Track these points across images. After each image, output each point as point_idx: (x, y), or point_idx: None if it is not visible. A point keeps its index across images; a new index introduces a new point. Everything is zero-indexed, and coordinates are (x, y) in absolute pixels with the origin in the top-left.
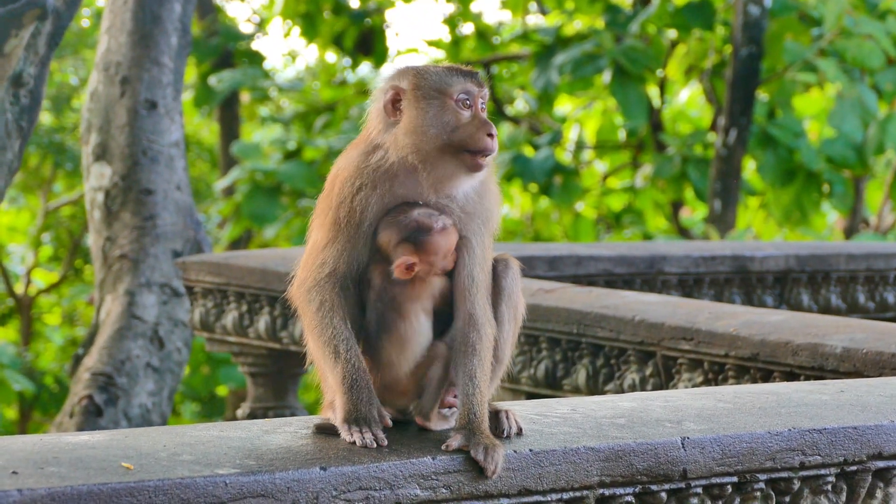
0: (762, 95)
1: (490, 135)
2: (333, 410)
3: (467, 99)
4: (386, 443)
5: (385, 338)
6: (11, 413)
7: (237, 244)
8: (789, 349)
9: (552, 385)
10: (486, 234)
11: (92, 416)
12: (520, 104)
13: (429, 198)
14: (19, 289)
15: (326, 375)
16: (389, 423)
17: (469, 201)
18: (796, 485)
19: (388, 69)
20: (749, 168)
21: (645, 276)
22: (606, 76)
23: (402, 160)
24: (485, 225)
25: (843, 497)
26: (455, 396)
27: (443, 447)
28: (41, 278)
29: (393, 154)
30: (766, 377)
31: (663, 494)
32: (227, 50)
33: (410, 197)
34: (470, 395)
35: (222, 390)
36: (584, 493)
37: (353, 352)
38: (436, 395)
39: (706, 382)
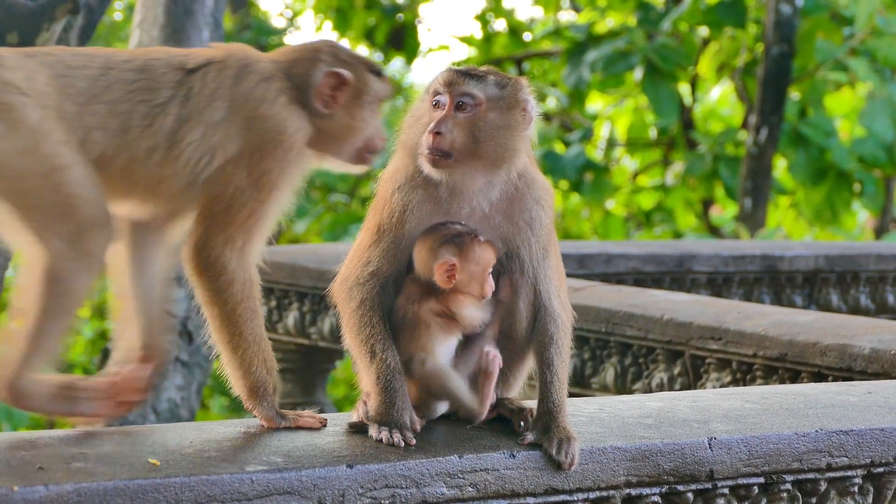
0: (793, 94)
1: (429, 132)
2: (366, 404)
3: (437, 99)
4: (414, 443)
5: (403, 342)
6: None
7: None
8: (818, 350)
9: (580, 383)
10: (534, 234)
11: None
12: (551, 101)
13: (452, 203)
14: None
15: (362, 373)
16: (418, 428)
17: (504, 204)
18: (823, 486)
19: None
20: (780, 167)
21: (674, 274)
22: (638, 74)
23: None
24: (530, 226)
25: (870, 499)
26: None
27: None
28: None
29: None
30: (795, 378)
31: (690, 495)
32: (260, 44)
33: (441, 203)
34: (548, 383)
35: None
36: (611, 492)
37: (390, 352)
38: (460, 396)
39: (734, 382)
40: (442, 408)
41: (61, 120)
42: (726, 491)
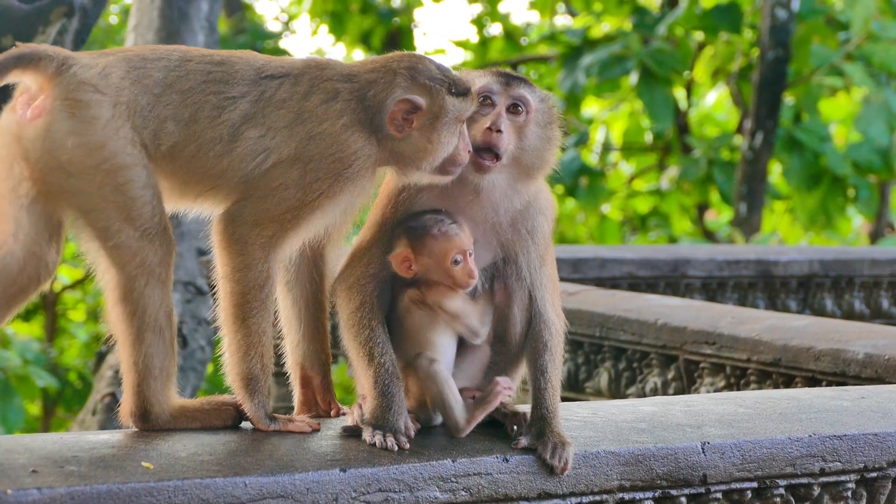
0: (789, 99)
1: (489, 128)
2: (362, 407)
3: (488, 96)
4: (408, 447)
5: (394, 338)
6: (35, 409)
7: None
8: (811, 355)
9: (574, 388)
10: (534, 243)
11: (114, 414)
12: None
13: (469, 206)
14: None
15: (359, 375)
16: (412, 433)
17: (512, 212)
18: (816, 491)
19: None
20: (775, 172)
21: (668, 279)
22: (633, 78)
23: None
24: (531, 235)
25: (863, 503)
26: (473, 397)
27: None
28: (66, 274)
29: None
30: (789, 382)
31: (683, 499)
32: (255, 48)
33: (457, 204)
34: (541, 389)
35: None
36: (604, 497)
37: (388, 356)
38: (451, 412)
39: (728, 387)
40: (439, 416)
41: (134, 115)
42: (719, 495)
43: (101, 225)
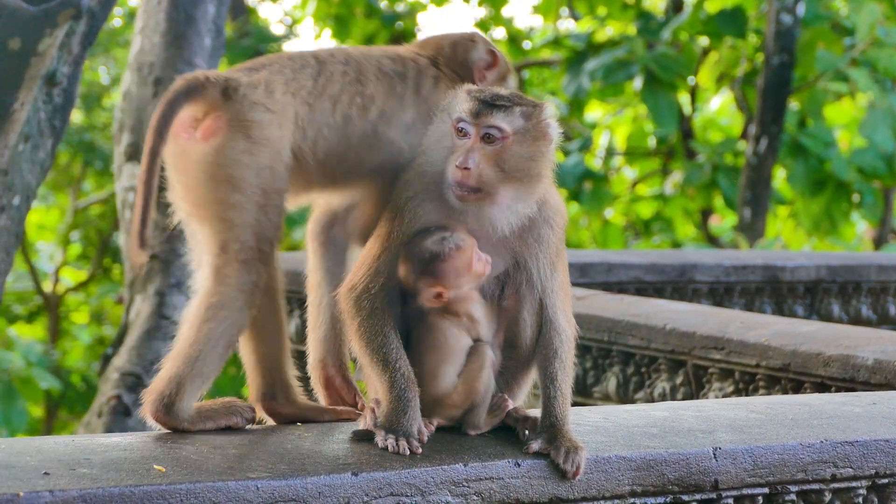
0: (793, 104)
1: (457, 166)
2: (374, 412)
3: (462, 127)
4: (420, 451)
5: (425, 351)
6: (38, 411)
7: None
8: (820, 360)
9: (582, 392)
10: (543, 250)
11: (120, 417)
12: None
13: (473, 222)
14: (47, 287)
15: (374, 380)
16: (425, 438)
17: (517, 225)
18: (827, 497)
19: None
20: (779, 177)
21: (676, 284)
22: (637, 83)
23: None
24: (539, 243)
25: None
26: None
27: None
28: (69, 276)
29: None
30: (797, 388)
31: None
32: (259, 51)
33: (461, 220)
34: (551, 397)
35: (249, 391)
36: (615, 502)
37: (403, 361)
38: (484, 404)
39: (737, 392)
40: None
41: (295, 129)
42: (731, 501)
43: (223, 238)
